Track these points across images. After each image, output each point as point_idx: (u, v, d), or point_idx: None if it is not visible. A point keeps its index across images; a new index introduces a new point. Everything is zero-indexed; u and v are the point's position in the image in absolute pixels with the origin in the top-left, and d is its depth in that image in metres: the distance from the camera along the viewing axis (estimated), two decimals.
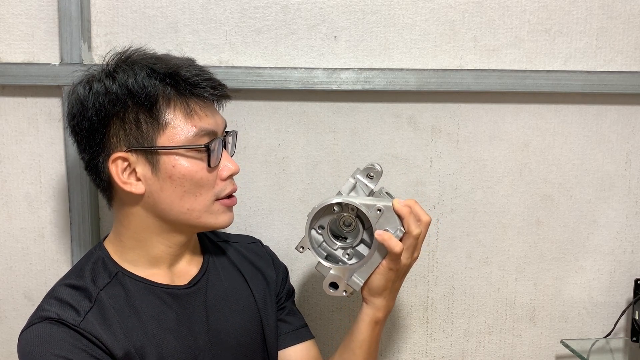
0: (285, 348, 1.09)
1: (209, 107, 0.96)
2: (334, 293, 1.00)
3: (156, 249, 0.97)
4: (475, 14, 1.22)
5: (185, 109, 0.93)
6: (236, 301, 1.04)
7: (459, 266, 1.30)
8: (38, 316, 0.89)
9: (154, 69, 0.92)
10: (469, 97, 1.24)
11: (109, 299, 0.92)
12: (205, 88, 0.94)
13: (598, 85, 1.22)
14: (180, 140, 0.92)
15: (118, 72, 0.92)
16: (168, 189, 0.93)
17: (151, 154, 0.92)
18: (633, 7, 1.23)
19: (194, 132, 0.92)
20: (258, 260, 1.11)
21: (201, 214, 0.95)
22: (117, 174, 0.92)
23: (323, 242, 1.01)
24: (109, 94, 0.91)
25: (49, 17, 1.17)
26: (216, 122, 0.96)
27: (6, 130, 1.21)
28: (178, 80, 0.92)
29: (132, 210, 0.96)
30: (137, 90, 0.90)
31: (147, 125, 0.91)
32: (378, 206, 0.95)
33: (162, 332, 0.94)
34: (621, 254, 1.31)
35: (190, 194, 0.94)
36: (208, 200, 0.95)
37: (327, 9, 1.20)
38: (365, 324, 1.02)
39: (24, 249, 1.24)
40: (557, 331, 1.33)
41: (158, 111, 0.91)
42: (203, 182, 0.94)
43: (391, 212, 0.95)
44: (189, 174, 0.93)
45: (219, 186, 0.96)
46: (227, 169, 0.97)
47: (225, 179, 0.97)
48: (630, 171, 1.29)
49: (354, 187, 0.99)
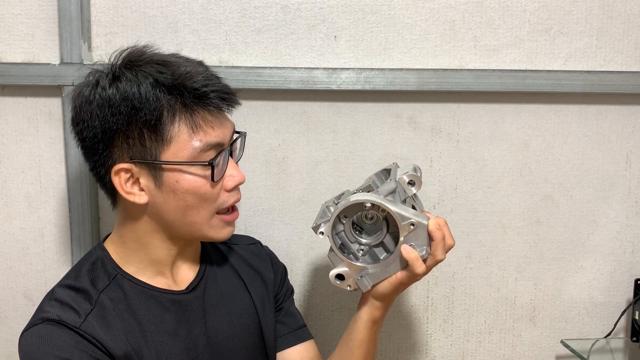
0: (284, 349, 1.09)
1: (216, 118, 0.92)
2: (338, 284, 0.99)
3: (159, 252, 0.97)
4: (475, 14, 1.22)
5: (190, 123, 0.89)
6: (234, 304, 1.04)
7: (459, 266, 1.30)
8: (39, 317, 0.89)
9: (158, 79, 0.88)
10: (469, 97, 1.24)
11: (109, 301, 0.92)
12: (213, 99, 0.90)
13: (598, 85, 1.22)
14: (184, 156, 0.90)
15: (122, 80, 0.89)
16: (171, 202, 0.92)
17: (155, 168, 0.90)
18: (633, 7, 1.23)
19: (199, 147, 0.90)
20: (257, 262, 1.11)
21: (202, 227, 0.94)
22: (120, 185, 0.91)
23: (342, 232, 0.98)
24: (112, 107, 0.88)
25: (49, 17, 1.17)
26: (224, 133, 0.93)
27: (6, 130, 1.21)
28: (183, 93, 0.89)
29: (136, 215, 0.95)
30: (141, 104, 0.87)
31: (151, 140, 0.89)
32: (413, 221, 0.93)
33: (161, 336, 0.94)
34: (621, 254, 1.31)
35: (193, 207, 0.92)
36: (210, 213, 0.94)
37: (327, 9, 1.20)
38: (364, 323, 1.02)
39: (24, 249, 1.24)
40: (557, 331, 1.33)
41: (162, 126, 0.88)
42: (207, 196, 0.92)
43: (424, 230, 0.93)
44: (192, 189, 0.91)
45: (222, 198, 0.94)
46: (233, 179, 0.95)
47: (230, 190, 0.95)
48: (630, 171, 1.29)
49: (393, 191, 0.95)
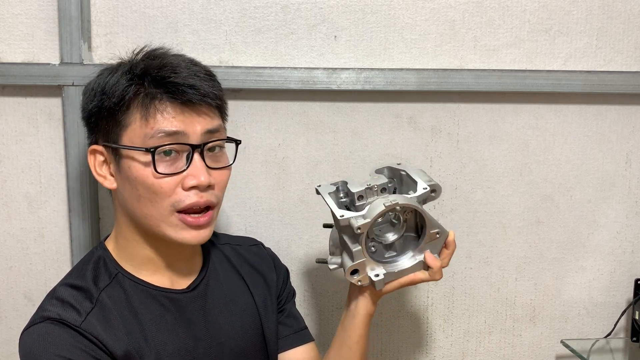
0: (285, 351, 1.09)
1: (181, 110, 0.90)
2: (351, 278, 0.98)
3: (145, 250, 0.96)
4: (475, 14, 1.22)
5: (145, 110, 0.89)
6: (236, 305, 1.04)
7: (459, 266, 1.30)
8: (39, 316, 0.89)
9: (132, 68, 0.92)
10: (469, 97, 1.24)
11: (109, 300, 0.92)
12: (180, 91, 0.89)
13: (598, 85, 1.22)
14: (136, 142, 0.89)
15: (118, 70, 0.93)
16: (127, 190, 0.92)
17: (115, 152, 0.92)
18: (633, 7, 1.23)
19: (150, 134, 0.88)
20: (259, 263, 1.11)
21: (159, 223, 0.91)
22: (92, 165, 0.95)
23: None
24: (93, 90, 0.93)
25: (49, 17, 1.17)
26: (185, 125, 0.89)
27: (6, 130, 1.21)
28: (144, 81, 0.90)
29: (117, 206, 0.97)
30: (107, 89, 0.91)
31: (114, 123, 0.91)
32: (439, 230, 0.99)
33: (161, 335, 0.94)
34: (621, 254, 1.31)
35: (146, 199, 0.90)
36: (164, 209, 0.90)
37: (327, 9, 1.20)
38: (362, 318, 1.03)
39: (24, 249, 1.24)
40: (557, 331, 1.33)
41: (120, 111, 0.90)
42: (155, 188, 0.89)
43: (443, 239, 1.00)
44: (140, 177, 0.89)
45: (177, 195, 0.89)
46: (191, 178, 0.89)
47: (188, 189, 0.90)
48: (630, 171, 1.29)
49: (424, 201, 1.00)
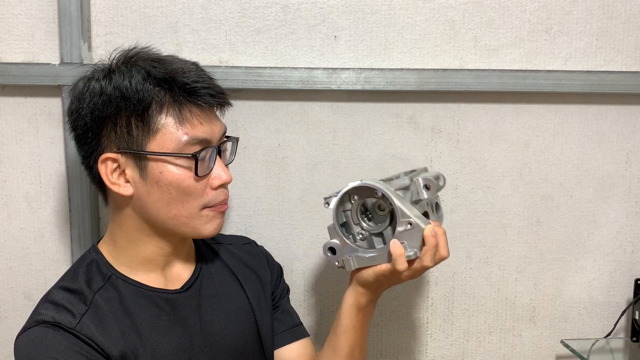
0: (280, 347, 1.09)
1: (205, 115, 0.94)
2: (329, 257, 1.00)
3: (148, 251, 0.97)
4: (475, 14, 1.22)
5: (177, 115, 0.91)
6: (230, 303, 1.04)
7: (459, 266, 1.30)
8: (34, 320, 0.89)
9: (150, 72, 0.91)
10: (469, 97, 1.24)
11: (103, 301, 0.92)
12: (203, 95, 0.92)
13: (598, 85, 1.22)
14: (169, 147, 0.91)
15: (116, 73, 0.91)
16: (155, 194, 0.92)
17: (140, 158, 0.91)
18: (633, 7, 1.23)
19: (185, 140, 0.91)
20: (252, 261, 1.11)
21: (188, 221, 0.94)
22: (105, 174, 0.92)
23: (349, 211, 0.99)
24: (103, 95, 0.90)
25: (49, 17, 1.17)
26: (212, 130, 0.94)
27: (6, 130, 1.21)
28: (173, 86, 0.91)
29: (124, 210, 0.96)
30: (130, 94, 0.89)
31: (138, 129, 0.90)
32: (411, 220, 0.94)
33: (156, 336, 0.94)
34: (621, 254, 1.31)
35: (177, 200, 0.93)
36: (195, 208, 0.94)
37: (327, 9, 1.20)
38: (348, 307, 1.02)
39: (24, 249, 1.24)
40: (557, 331, 1.33)
41: (150, 116, 0.90)
42: (190, 190, 0.92)
43: (420, 233, 0.94)
44: (175, 182, 0.91)
45: (208, 195, 0.94)
46: (219, 178, 0.95)
47: (216, 188, 0.95)
48: (630, 171, 1.29)
49: (406, 188, 0.97)
